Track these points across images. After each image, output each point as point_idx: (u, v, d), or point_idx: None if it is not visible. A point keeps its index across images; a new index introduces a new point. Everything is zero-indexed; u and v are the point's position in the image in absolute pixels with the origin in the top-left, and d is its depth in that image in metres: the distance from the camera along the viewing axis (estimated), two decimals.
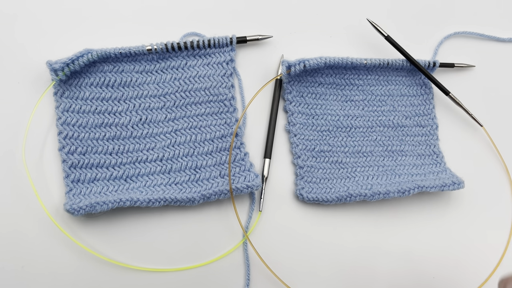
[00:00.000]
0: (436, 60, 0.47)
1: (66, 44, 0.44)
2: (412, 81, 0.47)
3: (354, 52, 0.48)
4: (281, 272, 0.41)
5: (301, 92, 0.45)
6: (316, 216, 0.43)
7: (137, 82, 0.43)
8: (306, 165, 0.44)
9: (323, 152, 0.44)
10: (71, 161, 0.40)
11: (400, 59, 0.46)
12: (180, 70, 0.43)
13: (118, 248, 0.40)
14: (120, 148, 0.41)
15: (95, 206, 0.38)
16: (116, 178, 0.41)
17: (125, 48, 0.42)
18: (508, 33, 0.51)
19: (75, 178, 0.40)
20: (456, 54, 0.49)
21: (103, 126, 0.41)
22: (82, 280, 0.39)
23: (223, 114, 0.43)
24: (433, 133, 0.46)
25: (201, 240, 0.41)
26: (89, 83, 0.42)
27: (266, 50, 0.47)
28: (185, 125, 0.43)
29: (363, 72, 0.46)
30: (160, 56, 0.43)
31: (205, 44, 0.43)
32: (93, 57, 0.41)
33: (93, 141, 0.41)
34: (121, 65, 0.42)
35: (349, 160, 0.45)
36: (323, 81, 0.46)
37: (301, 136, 0.44)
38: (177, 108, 0.43)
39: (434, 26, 0.50)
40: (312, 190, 0.43)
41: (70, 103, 0.41)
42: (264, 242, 0.42)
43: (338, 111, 0.46)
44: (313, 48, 0.47)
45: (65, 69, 0.40)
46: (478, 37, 0.50)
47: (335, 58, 0.44)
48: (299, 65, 0.44)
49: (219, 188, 0.41)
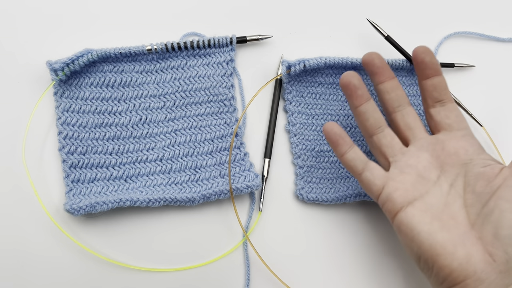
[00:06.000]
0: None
1: (66, 44, 0.44)
2: (412, 81, 0.47)
3: (354, 52, 0.48)
4: (281, 272, 0.41)
5: (301, 92, 0.45)
6: (316, 216, 0.43)
7: (137, 82, 0.43)
8: (306, 165, 0.44)
9: (323, 152, 0.44)
10: (71, 161, 0.40)
11: (400, 59, 0.46)
12: (180, 70, 0.44)
13: (118, 248, 0.40)
14: (120, 148, 0.41)
15: (95, 206, 0.38)
16: (116, 178, 0.41)
17: (125, 48, 0.42)
18: (508, 33, 0.51)
19: (75, 178, 0.40)
20: (456, 54, 0.49)
21: (103, 126, 0.41)
22: (82, 280, 0.39)
23: (223, 114, 0.43)
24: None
25: (201, 240, 0.41)
26: (89, 83, 0.42)
27: (266, 50, 0.47)
28: (185, 125, 0.43)
29: (363, 72, 0.46)
30: (160, 56, 0.43)
31: (205, 44, 0.43)
32: (93, 57, 0.41)
33: (93, 141, 0.41)
34: (121, 65, 0.42)
35: None
36: (323, 81, 0.46)
37: (301, 136, 0.44)
38: (177, 108, 0.43)
39: (434, 26, 0.50)
40: (312, 190, 0.43)
41: (70, 103, 0.41)
42: (264, 242, 0.42)
43: (338, 111, 0.46)
44: (313, 48, 0.47)
45: (65, 69, 0.40)
46: (478, 37, 0.50)
47: (335, 58, 0.44)
48: (299, 65, 0.44)
49: (219, 188, 0.41)
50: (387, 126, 0.39)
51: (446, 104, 0.39)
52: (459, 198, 0.35)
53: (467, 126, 0.39)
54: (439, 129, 0.39)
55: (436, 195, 0.36)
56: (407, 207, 0.35)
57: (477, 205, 0.34)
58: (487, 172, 0.35)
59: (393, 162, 0.38)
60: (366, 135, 0.39)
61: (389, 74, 0.39)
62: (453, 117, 0.38)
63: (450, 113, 0.39)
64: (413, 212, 0.35)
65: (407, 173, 0.37)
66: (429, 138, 0.38)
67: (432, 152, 0.37)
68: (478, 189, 0.34)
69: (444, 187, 0.36)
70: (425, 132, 0.39)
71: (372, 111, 0.38)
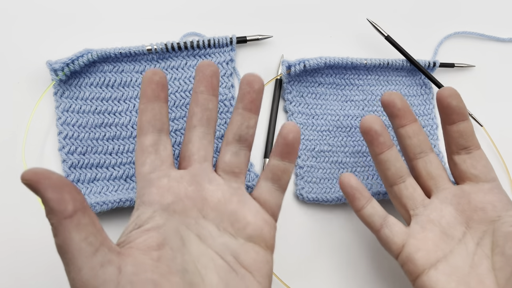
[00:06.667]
0: (436, 60, 0.47)
1: (66, 44, 0.44)
2: (412, 81, 0.47)
3: (354, 52, 0.48)
4: (281, 272, 0.41)
5: (301, 92, 0.45)
6: (316, 216, 0.43)
7: (137, 82, 0.43)
8: (306, 165, 0.44)
9: (323, 152, 0.44)
10: (71, 161, 0.40)
11: (400, 59, 0.46)
12: (180, 70, 0.44)
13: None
14: (120, 148, 0.41)
15: (95, 206, 0.38)
16: (116, 178, 0.41)
17: (125, 48, 0.42)
18: (508, 33, 0.51)
19: (75, 178, 0.40)
20: (456, 54, 0.49)
21: (103, 126, 0.41)
22: None
23: (223, 114, 0.43)
24: (433, 133, 0.46)
25: None
26: (89, 83, 0.42)
27: (266, 50, 0.47)
28: (185, 125, 0.43)
29: (363, 72, 0.46)
30: (160, 56, 0.43)
31: (205, 44, 0.43)
32: (93, 57, 0.41)
33: (93, 141, 0.41)
34: (121, 65, 0.42)
35: (349, 160, 0.45)
36: (323, 81, 0.46)
37: (301, 136, 0.44)
38: (177, 108, 0.43)
39: (434, 26, 0.50)
40: (312, 190, 0.43)
41: (70, 103, 0.41)
42: None
43: (338, 111, 0.46)
44: (313, 48, 0.47)
45: (65, 69, 0.40)
46: (478, 37, 0.50)
47: (335, 58, 0.44)
48: (299, 65, 0.44)
49: None
50: (409, 175, 0.36)
51: (472, 151, 0.35)
52: (486, 259, 0.33)
53: (495, 177, 0.35)
54: (464, 179, 0.36)
55: (461, 255, 0.33)
56: (429, 270, 0.32)
57: (506, 269, 0.31)
58: None
59: (414, 216, 0.35)
60: (386, 184, 0.37)
61: (411, 117, 0.36)
62: (480, 167, 0.35)
63: (477, 162, 0.35)
64: (437, 276, 0.32)
65: (429, 229, 0.34)
66: (454, 189, 0.35)
67: (457, 206, 0.35)
68: (508, 251, 0.32)
69: (470, 246, 0.33)
70: (449, 182, 0.36)
71: (394, 160, 0.35)
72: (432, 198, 0.36)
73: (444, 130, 0.37)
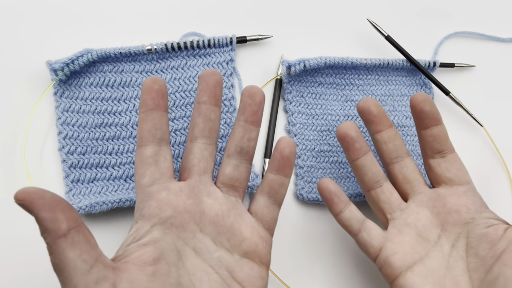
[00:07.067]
0: (436, 60, 0.47)
1: (66, 44, 0.44)
2: (412, 81, 0.47)
3: (354, 52, 0.48)
4: (281, 272, 0.41)
5: (301, 92, 0.45)
6: (316, 216, 0.43)
7: (137, 82, 0.43)
8: (306, 165, 0.44)
9: (323, 152, 0.44)
10: (71, 161, 0.40)
11: (400, 59, 0.46)
12: (180, 70, 0.44)
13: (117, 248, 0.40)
14: (120, 148, 0.41)
15: (94, 206, 0.38)
16: (116, 178, 0.41)
17: (125, 48, 0.42)
18: (508, 33, 0.51)
19: (75, 178, 0.40)
20: (456, 54, 0.49)
21: (103, 126, 0.41)
22: None
23: (223, 114, 0.43)
24: None
25: None
26: (89, 83, 0.42)
27: (266, 50, 0.47)
28: (185, 125, 0.43)
29: (363, 72, 0.46)
30: (160, 56, 0.43)
31: (205, 44, 0.43)
32: (93, 57, 0.41)
33: (93, 141, 0.41)
34: (121, 65, 0.42)
35: None
36: (323, 81, 0.46)
37: (301, 136, 0.44)
38: (177, 108, 0.43)
39: (434, 26, 0.50)
40: (312, 190, 0.43)
41: (70, 103, 0.41)
42: None
43: (338, 111, 0.46)
44: (313, 48, 0.47)
45: (65, 69, 0.40)
46: (478, 37, 0.50)
47: (335, 58, 0.44)
48: (299, 65, 0.44)
49: None
50: (386, 180, 0.37)
51: (446, 155, 0.37)
52: (461, 260, 0.33)
53: (469, 180, 0.36)
54: (439, 182, 0.37)
55: (437, 258, 0.34)
56: (406, 273, 0.33)
57: (480, 270, 0.32)
58: (490, 233, 0.33)
59: (392, 220, 0.36)
60: (364, 189, 0.37)
61: (387, 123, 0.37)
62: (454, 170, 0.36)
63: (451, 166, 0.36)
64: (414, 278, 0.32)
65: (406, 233, 0.35)
66: (429, 193, 0.36)
67: (432, 209, 0.36)
68: (481, 253, 0.32)
69: (445, 248, 0.34)
70: (425, 185, 0.37)
71: (370, 165, 0.36)
72: (409, 201, 0.37)
73: (419, 135, 0.37)
